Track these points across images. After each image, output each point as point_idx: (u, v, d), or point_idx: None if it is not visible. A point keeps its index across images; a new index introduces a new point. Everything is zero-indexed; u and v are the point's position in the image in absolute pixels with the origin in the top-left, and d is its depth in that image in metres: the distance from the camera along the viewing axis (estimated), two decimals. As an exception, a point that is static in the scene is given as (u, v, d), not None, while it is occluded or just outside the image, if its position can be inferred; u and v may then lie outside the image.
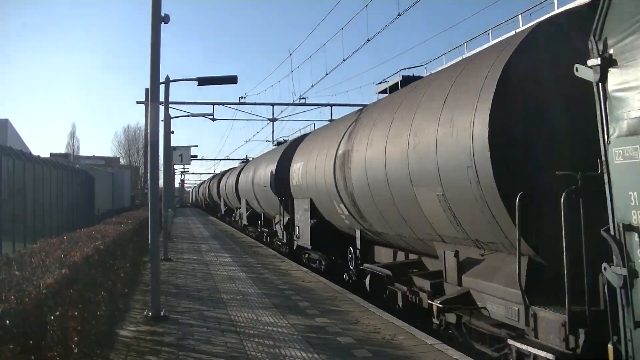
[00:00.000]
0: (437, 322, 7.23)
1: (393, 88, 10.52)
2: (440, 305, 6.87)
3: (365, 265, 10.57)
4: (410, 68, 12.68)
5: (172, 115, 19.57)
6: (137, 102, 56.11)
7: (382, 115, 9.30)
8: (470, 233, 6.54)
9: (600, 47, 4.19)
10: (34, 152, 20.12)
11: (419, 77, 10.14)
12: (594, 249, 4.55)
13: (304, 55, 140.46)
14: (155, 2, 8.52)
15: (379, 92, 11.50)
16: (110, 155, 79.57)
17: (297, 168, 14.71)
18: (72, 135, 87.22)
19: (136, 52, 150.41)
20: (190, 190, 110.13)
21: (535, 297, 5.39)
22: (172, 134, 20.17)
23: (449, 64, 10.47)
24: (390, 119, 8.59)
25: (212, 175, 64.06)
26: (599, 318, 4.58)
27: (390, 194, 8.37)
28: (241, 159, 42.01)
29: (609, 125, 4.13)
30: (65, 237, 7.99)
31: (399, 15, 13.95)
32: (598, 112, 4.25)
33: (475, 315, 6.41)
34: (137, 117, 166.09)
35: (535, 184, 5.35)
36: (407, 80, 10.05)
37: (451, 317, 6.96)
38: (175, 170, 43.99)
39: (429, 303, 7.29)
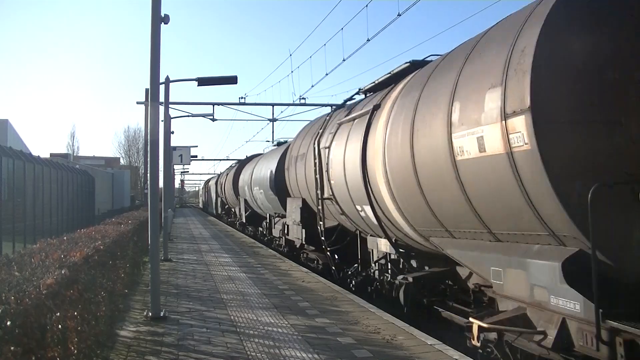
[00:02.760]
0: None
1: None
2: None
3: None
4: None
5: (172, 116, 19.62)
6: (137, 103, 56.27)
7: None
8: None
9: None
10: (34, 152, 20.17)
11: (285, 142, 19.77)
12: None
13: (304, 56, 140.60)
14: (155, 2, 8.51)
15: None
16: (110, 155, 79.81)
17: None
18: (72, 135, 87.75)
19: (136, 52, 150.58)
20: (204, 186, 77.64)
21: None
22: (172, 134, 20.21)
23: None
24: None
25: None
26: None
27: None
28: (239, 160, 39.93)
29: None
30: (65, 238, 8.00)
31: (399, 15, 13.95)
32: None
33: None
34: (137, 117, 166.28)
35: None
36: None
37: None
38: (175, 171, 43.97)
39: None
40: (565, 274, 5.02)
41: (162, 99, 14.34)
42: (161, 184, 17.87)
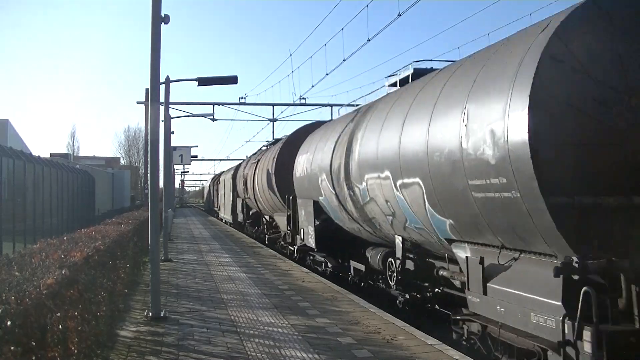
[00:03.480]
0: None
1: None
2: (269, 235, 7.57)
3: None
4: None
5: (172, 116, 19.59)
6: (138, 103, 56.26)
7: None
8: None
9: None
10: (34, 152, 20.18)
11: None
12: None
13: (304, 56, 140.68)
14: (155, 2, 8.51)
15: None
16: (110, 155, 79.82)
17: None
18: (73, 135, 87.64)
19: (136, 52, 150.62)
20: (212, 183, 60.49)
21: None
22: (172, 134, 20.19)
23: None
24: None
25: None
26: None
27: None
28: (241, 159, 39.83)
29: None
30: (65, 238, 7.99)
31: (399, 15, 13.89)
32: None
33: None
34: (137, 117, 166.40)
35: None
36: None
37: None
38: (176, 171, 43.96)
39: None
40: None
41: (162, 99, 14.33)
42: (161, 184, 17.86)
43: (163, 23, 8.57)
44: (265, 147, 24.29)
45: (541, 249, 5.44)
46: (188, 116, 24.87)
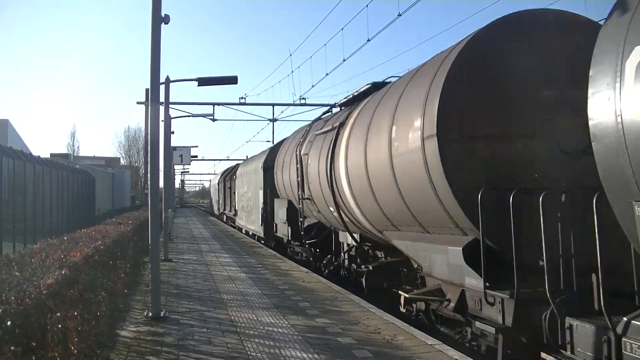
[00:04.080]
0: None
1: None
2: (407, 296, 7.74)
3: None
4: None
5: (172, 116, 19.61)
6: (138, 103, 56.22)
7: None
8: None
9: None
10: (34, 152, 20.22)
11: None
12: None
13: (304, 56, 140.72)
14: (155, 2, 8.52)
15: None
16: (110, 155, 79.88)
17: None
18: (73, 135, 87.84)
19: (136, 52, 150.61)
20: (222, 180, 42.50)
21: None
22: (172, 134, 20.20)
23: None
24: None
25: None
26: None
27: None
28: (241, 159, 39.32)
29: None
30: (65, 238, 7.99)
31: (399, 15, 13.93)
32: None
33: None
34: (137, 117, 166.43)
35: None
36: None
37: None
38: (176, 171, 43.96)
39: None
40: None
41: (162, 99, 14.33)
42: (161, 184, 17.87)
43: (163, 23, 8.57)
44: (339, 109, 13.27)
45: None
46: (188, 116, 24.92)
